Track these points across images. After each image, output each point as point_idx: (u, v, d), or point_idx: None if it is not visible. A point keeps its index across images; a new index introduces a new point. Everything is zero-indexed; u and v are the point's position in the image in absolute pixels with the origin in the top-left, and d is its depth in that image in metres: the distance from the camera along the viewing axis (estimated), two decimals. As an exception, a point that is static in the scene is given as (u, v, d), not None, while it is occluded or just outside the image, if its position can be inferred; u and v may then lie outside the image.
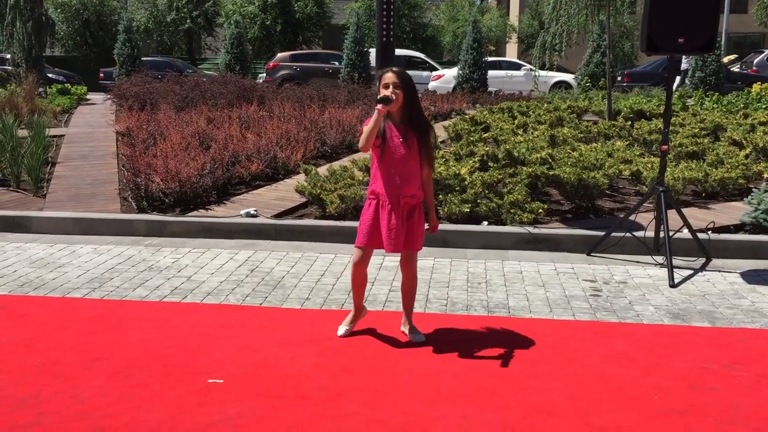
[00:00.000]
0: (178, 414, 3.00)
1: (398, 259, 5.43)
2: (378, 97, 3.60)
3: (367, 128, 3.58)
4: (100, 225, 6.26)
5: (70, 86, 19.16)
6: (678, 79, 19.62)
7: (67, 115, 14.02)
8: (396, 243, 3.68)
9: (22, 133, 9.46)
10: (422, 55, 24.88)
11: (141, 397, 3.15)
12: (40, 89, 16.65)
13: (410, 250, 3.80)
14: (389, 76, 3.64)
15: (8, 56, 21.54)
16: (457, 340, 3.87)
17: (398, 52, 24.50)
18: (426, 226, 3.88)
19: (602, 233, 5.64)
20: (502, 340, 3.86)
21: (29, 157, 7.78)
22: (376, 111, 3.54)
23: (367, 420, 2.97)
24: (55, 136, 10.38)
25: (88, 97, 18.66)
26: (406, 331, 3.90)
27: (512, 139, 9.01)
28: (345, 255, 5.54)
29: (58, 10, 34.15)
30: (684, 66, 19.70)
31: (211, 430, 2.88)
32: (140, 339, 3.83)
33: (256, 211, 6.42)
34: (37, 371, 3.41)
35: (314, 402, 3.12)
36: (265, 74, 23.52)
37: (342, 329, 3.92)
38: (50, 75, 22.88)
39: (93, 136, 11.02)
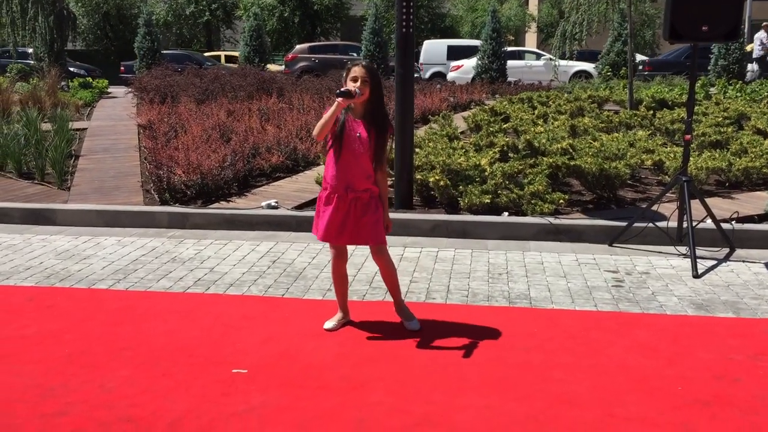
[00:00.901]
0: (203, 403, 3.04)
1: (421, 250, 5.47)
2: (341, 89, 3.54)
3: (323, 117, 3.55)
4: (123, 217, 6.33)
5: (91, 80, 19.36)
6: (752, 67, 18.39)
7: (89, 109, 14.16)
8: (338, 235, 3.67)
9: (46, 126, 9.59)
10: None
11: (167, 386, 3.20)
12: (62, 83, 16.83)
13: (372, 243, 3.75)
14: (358, 70, 3.59)
15: (31, 50, 21.83)
16: (479, 330, 3.87)
17: (463, 42, 24.71)
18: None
19: (624, 224, 5.61)
20: (523, 331, 3.85)
21: (53, 150, 7.88)
22: (336, 102, 3.52)
23: (390, 409, 2.99)
24: (77, 130, 10.49)
25: (109, 90, 18.83)
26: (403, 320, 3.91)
27: (532, 129, 8.97)
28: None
29: (79, 4, 34.52)
30: (758, 52, 18.43)
31: (236, 420, 2.91)
32: (165, 329, 3.88)
33: (276, 202, 6.45)
34: (64, 361, 3.47)
35: (337, 392, 3.15)
36: (283, 66, 23.60)
37: (329, 324, 3.90)
38: (72, 69, 23.14)
39: (115, 129, 11.12)
